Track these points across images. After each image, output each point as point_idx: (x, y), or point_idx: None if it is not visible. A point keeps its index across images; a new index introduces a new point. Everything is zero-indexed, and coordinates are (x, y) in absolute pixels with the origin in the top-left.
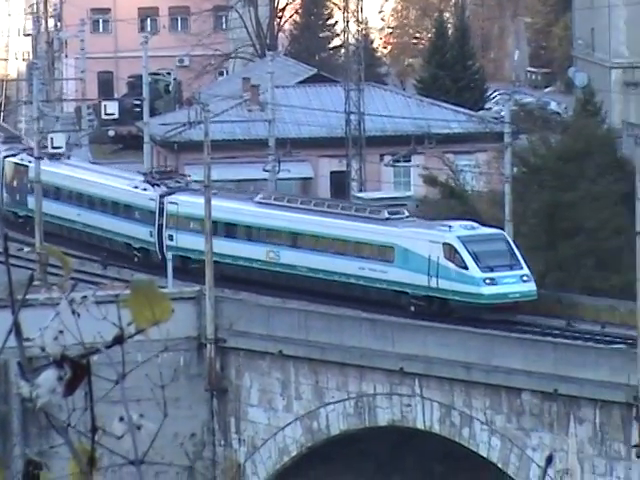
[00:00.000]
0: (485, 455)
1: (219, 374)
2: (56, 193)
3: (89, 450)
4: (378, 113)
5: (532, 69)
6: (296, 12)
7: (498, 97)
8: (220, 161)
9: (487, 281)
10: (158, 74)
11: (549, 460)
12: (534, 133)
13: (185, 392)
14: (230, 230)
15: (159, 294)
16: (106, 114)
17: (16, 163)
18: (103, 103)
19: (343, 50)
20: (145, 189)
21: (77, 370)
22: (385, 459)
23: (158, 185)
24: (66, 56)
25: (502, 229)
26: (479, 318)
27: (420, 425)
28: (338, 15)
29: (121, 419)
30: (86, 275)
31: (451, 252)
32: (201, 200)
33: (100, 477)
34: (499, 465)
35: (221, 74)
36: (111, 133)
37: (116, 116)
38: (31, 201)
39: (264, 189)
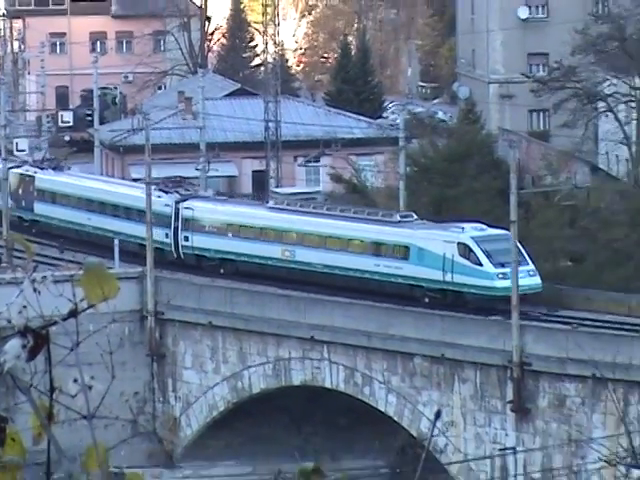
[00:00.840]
0: (383, 410)
1: (158, 342)
2: (67, 200)
3: (48, 407)
4: (292, 121)
5: (422, 84)
6: (223, 36)
7: (394, 107)
8: (159, 162)
9: (500, 276)
10: (106, 88)
11: (437, 414)
12: (424, 138)
13: (129, 357)
14: (245, 232)
15: (107, 274)
16: (62, 122)
17: (21, 174)
18: (60, 113)
19: (262, 68)
20: (159, 196)
21: (38, 339)
22: (298, 413)
23: (171, 192)
24: (29, 73)
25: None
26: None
27: (328, 384)
28: (258, 38)
29: (75, 380)
30: (46, 258)
31: (466, 250)
32: (214, 206)
33: (57, 429)
34: (395, 418)
35: (160, 88)
36: (67, 138)
37: (71, 124)
38: (37, 207)
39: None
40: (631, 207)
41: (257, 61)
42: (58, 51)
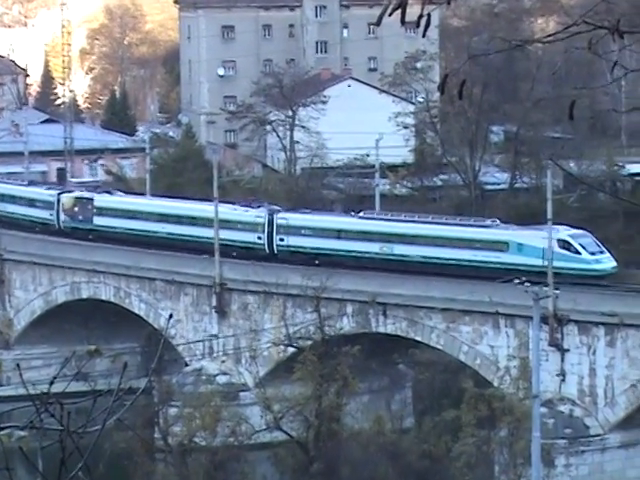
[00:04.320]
0: (137, 312)
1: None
2: (132, 214)
3: None
4: (80, 137)
5: (160, 115)
6: (39, 86)
7: (143, 129)
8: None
9: (593, 261)
10: None
11: (170, 316)
12: (161, 147)
13: None
14: (343, 234)
15: None
16: None
17: (76, 197)
18: None
19: (62, 105)
20: (246, 210)
21: None
22: (86, 315)
23: (254, 208)
24: None
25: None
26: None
27: (104, 298)
28: (60, 87)
29: None
30: None
31: (565, 244)
32: (302, 216)
33: None
34: (145, 318)
35: None
36: None
37: None
38: (95, 219)
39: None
40: (286, 188)
41: (59, 101)
42: None
